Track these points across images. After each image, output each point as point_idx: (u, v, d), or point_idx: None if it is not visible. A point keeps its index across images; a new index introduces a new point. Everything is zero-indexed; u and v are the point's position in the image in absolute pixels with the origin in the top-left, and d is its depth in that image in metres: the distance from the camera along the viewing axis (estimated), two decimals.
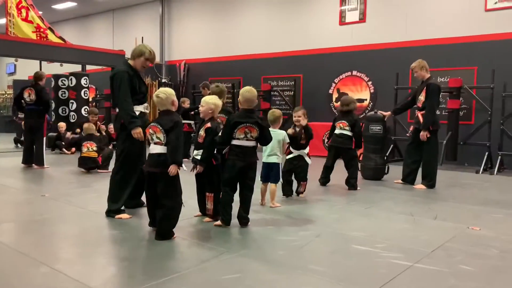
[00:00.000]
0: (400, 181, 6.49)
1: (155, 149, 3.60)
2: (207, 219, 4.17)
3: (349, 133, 6.17)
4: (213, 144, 4.02)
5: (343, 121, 6.25)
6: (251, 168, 4.01)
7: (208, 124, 4.05)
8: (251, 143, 3.98)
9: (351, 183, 6.02)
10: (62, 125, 10.61)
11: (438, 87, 6.10)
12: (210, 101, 4.14)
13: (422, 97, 6.12)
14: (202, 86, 8.73)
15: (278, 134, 4.68)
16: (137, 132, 4.18)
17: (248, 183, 4.02)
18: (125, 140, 4.30)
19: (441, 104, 7.88)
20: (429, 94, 6.01)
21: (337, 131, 6.28)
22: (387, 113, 6.92)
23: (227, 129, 3.94)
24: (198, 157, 4.08)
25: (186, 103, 9.06)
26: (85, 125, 7.67)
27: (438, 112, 6.43)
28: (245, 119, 3.92)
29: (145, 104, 4.45)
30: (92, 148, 7.28)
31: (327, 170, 6.33)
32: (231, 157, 3.97)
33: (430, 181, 6.14)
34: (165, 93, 3.66)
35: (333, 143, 6.31)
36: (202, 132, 4.06)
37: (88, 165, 7.19)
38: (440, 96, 6.36)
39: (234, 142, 3.94)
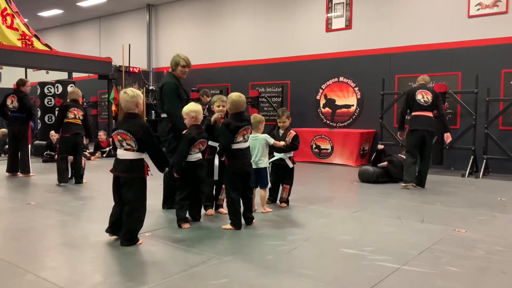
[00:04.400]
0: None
1: (125, 155, 3.56)
2: (224, 211, 4.55)
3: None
4: (185, 150, 4.13)
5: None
6: (250, 168, 4.21)
7: (184, 132, 4.19)
8: (247, 144, 4.20)
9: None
10: (53, 134, 10.38)
11: (405, 93, 6.87)
12: (188, 110, 4.22)
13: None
14: (201, 93, 8.76)
15: (260, 139, 4.68)
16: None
17: (249, 184, 4.20)
18: (175, 144, 4.50)
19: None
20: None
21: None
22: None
23: (229, 135, 4.03)
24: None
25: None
26: (70, 89, 7.21)
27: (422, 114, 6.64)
28: (243, 123, 4.10)
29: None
30: (78, 116, 6.76)
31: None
32: (233, 161, 4.08)
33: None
34: (133, 92, 3.63)
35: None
36: None
37: (73, 131, 6.65)
38: (416, 96, 6.66)
39: (235, 146, 4.07)
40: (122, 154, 3.58)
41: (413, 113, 6.68)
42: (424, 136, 6.54)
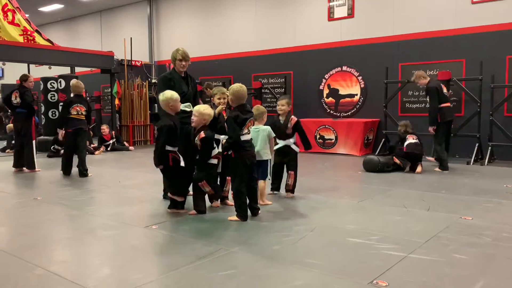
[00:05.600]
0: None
1: None
2: (229, 202, 4.60)
3: None
4: (210, 151, 4.29)
5: None
6: (255, 159, 4.24)
7: (202, 134, 4.21)
8: (250, 136, 4.23)
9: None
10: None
11: (434, 88, 7.08)
12: (203, 111, 4.27)
13: (428, 100, 7.28)
14: (205, 86, 8.75)
15: (263, 130, 4.65)
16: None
17: (253, 175, 4.24)
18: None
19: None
20: (429, 96, 7.15)
21: None
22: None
23: (237, 127, 4.04)
24: None
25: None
26: (73, 82, 7.40)
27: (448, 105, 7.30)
28: (248, 115, 4.15)
29: (187, 103, 4.81)
30: (81, 112, 7.01)
31: None
32: (240, 153, 4.09)
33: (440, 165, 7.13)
34: (163, 95, 4.21)
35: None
36: (198, 141, 4.24)
37: (75, 126, 6.91)
38: (444, 90, 7.29)
39: (242, 138, 4.09)
40: None
41: (442, 105, 7.11)
42: (452, 125, 7.36)
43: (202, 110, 4.27)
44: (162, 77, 5.05)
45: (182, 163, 4.24)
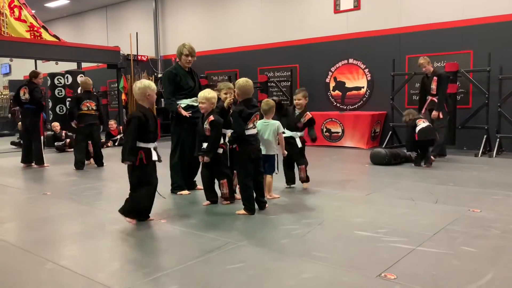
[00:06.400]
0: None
1: None
2: (225, 202, 4.49)
3: None
4: (219, 136, 4.28)
5: None
6: (260, 153, 4.26)
7: (211, 117, 4.23)
8: (255, 130, 4.24)
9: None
10: (55, 125, 10.49)
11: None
12: (209, 96, 4.31)
13: (434, 86, 7.31)
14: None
15: (271, 125, 4.62)
16: (178, 109, 4.86)
17: (259, 169, 4.24)
18: (180, 132, 4.98)
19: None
20: (441, 82, 7.24)
21: None
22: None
23: (241, 122, 4.06)
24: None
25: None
26: (81, 79, 7.73)
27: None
28: (254, 109, 4.14)
29: (193, 98, 4.91)
30: (91, 107, 7.32)
31: None
32: (245, 148, 4.12)
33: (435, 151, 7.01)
34: (142, 83, 3.80)
35: None
36: (207, 126, 4.26)
37: (87, 122, 7.24)
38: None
39: (247, 132, 4.11)
40: None
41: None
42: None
43: (207, 94, 4.32)
44: (167, 72, 5.04)
45: (155, 157, 3.80)
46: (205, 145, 4.30)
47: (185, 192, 5.04)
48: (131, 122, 3.72)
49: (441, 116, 7.21)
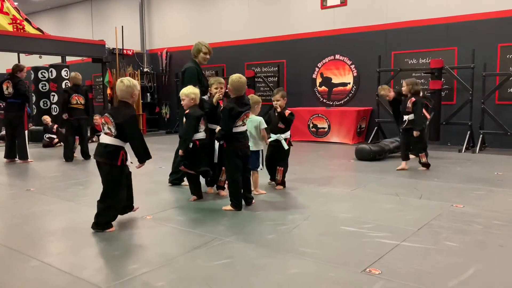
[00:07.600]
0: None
1: (103, 139, 3.57)
2: (223, 193, 4.64)
3: None
4: (191, 128, 4.30)
5: None
6: (249, 150, 4.26)
7: (188, 111, 4.36)
8: (245, 127, 4.23)
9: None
10: (46, 118, 10.39)
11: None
12: (187, 92, 4.38)
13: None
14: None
15: (253, 121, 4.63)
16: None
17: (247, 166, 4.27)
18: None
19: (423, 86, 8.38)
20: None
21: None
22: None
23: (230, 120, 4.04)
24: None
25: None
26: (72, 74, 7.85)
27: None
28: (244, 107, 4.11)
29: (206, 95, 4.89)
30: (80, 102, 7.53)
31: None
32: (234, 144, 4.11)
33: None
34: (129, 81, 3.59)
35: None
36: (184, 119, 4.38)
37: (76, 115, 7.47)
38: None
39: (235, 130, 4.09)
40: (101, 138, 3.61)
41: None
42: None
43: (185, 91, 4.40)
44: (192, 68, 4.94)
45: (128, 162, 3.63)
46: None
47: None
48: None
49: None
